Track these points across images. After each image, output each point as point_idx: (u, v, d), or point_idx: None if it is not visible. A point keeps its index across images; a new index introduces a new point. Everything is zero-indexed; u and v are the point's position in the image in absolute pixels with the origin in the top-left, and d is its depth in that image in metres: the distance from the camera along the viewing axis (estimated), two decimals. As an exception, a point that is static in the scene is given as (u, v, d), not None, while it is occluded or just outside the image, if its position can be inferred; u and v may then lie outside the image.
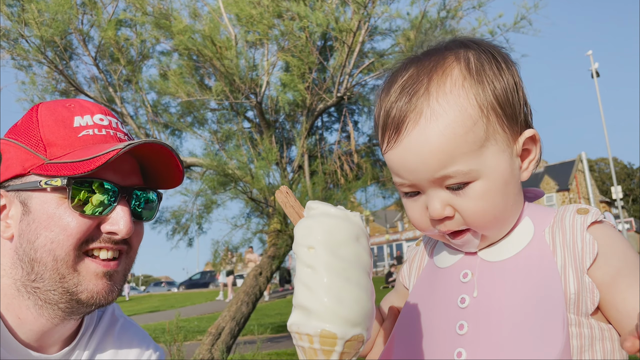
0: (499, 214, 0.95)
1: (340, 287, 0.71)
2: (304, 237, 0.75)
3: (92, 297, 1.15)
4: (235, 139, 8.16)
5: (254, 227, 8.74)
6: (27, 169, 1.15)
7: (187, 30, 6.82)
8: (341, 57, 6.69)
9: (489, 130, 0.93)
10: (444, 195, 0.93)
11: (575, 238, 0.92)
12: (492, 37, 6.81)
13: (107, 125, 1.24)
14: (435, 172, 0.91)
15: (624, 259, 0.90)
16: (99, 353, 1.33)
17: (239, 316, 6.36)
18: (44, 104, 1.25)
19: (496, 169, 0.94)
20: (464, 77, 0.93)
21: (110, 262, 1.17)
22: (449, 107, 0.92)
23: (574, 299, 0.89)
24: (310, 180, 7.74)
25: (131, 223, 1.18)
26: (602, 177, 67.83)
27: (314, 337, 0.69)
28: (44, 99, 7.92)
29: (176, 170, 1.26)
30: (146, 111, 8.15)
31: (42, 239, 1.12)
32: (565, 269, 0.91)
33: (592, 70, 29.67)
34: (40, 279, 1.13)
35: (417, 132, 0.92)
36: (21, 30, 7.20)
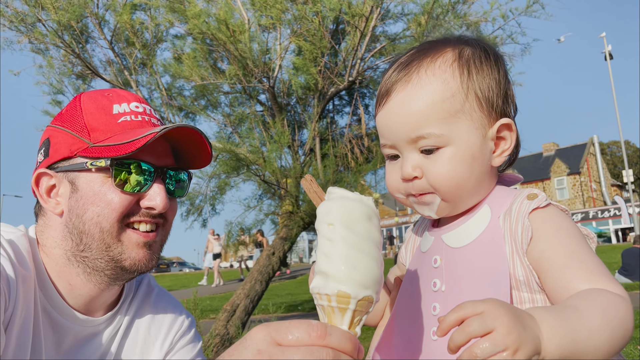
0: (462, 183, 1.03)
1: (354, 257, 0.83)
2: (325, 216, 0.89)
3: (134, 264, 1.31)
4: (248, 122, 8.28)
5: (266, 209, 8.92)
6: (73, 152, 1.30)
7: (202, 14, 6.90)
8: (353, 41, 6.75)
9: (465, 105, 1.04)
10: (417, 157, 1.04)
11: (517, 224, 0.99)
12: (504, 21, 6.83)
13: (142, 112, 1.38)
14: (412, 131, 1.03)
15: (551, 240, 0.96)
16: (137, 318, 1.49)
17: (253, 294, 6.57)
18: (85, 94, 1.40)
19: (466, 141, 1.03)
20: (454, 60, 1.06)
21: (149, 233, 1.32)
22: (434, 78, 1.04)
23: (524, 281, 0.97)
24: (322, 163, 7.86)
25: (167, 199, 1.33)
26: (614, 160, 67.06)
27: (331, 297, 0.81)
28: (61, 82, 8.08)
29: (205, 151, 1.40)
30: (161, 94, 8.28)
31: (89, 213, 1.27)
32: (513, 255, 0.98)
33: (606, 53, 29.22)
34: (88, 249, 1.28)
35: (402, 95, 1.05)
36: (38, 14, 7.32)
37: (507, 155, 1.10)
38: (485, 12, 6.83)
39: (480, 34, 6.97)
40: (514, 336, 0.71)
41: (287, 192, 7.68)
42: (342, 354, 0.74)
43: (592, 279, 0.90)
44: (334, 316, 0.82)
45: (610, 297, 0.86)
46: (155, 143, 1.30)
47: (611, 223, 42.54)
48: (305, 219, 7.64)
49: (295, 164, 7.88)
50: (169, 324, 1.52)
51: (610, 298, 0.86)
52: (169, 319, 1.53)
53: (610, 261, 16.37)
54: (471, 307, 0.75)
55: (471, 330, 0.73)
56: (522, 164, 49.76)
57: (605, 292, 0.87)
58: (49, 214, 1.34)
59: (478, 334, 0.72)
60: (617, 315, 0.84)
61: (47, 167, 1.33)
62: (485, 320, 0.72)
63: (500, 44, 6.91)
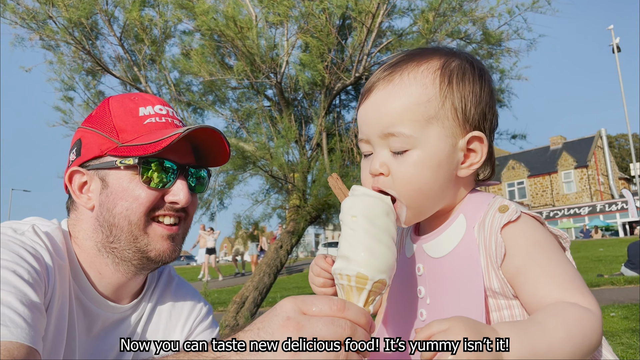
0: (424, 189, 1.05)
1: (373, 245, 0.95)
2: (349, 209, 1.00)
3: (159, 255, 1.41)
4: (256, 117, 8.37)
5: (273, 203, 9.02)
6: (103, 151, 1.41)
7: (210, 11, 6.98)
8: (360, 37, 6.81)
9: (439, 112, 1.05)
10: (386, 155, 1.07)
11: (491, 239, 1.02)
12: (510, 17, 6.86)
13: (166, 114, 1.49)
14: (385, 128, 1.06)
15: (524, 257, 0.99)
16: (159, 305, 1.60)
17: (262, 286, 6.70)
18: (113, 98, 1.50)
19: (434, 147, 1.05)
20: (438, 68, 1.10)
21: (172, 227, 1.43)
22: (414, 81, 1.07)
23: (500, 291, 1.02)
24: (328, 157, 7.94)
25: (189, 194, 1.43)
26: (621, 154, 66.57)
27: (351, 277, 0.93)
28: (72, 79, 8.19)
29: (223, 150, 1.50)
30: (169, 90, 8.37)
31: (118, 208, 1.37)
32: (488, 267, 1.02)
33: (613, 45, 29.00)
34: (117, 241, 1.39)
35: (382, 93, 1.09)
36: (49, 11, 7.43)
37: (475, 168, 1.11)
38: (491, 8, 6.86)
39: (486, 30, 7.01)
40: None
41: (294, 186, 7.78)
42: (357, 326, 0.86)
43: (564, 293, 0.94)
44: (352, 294, 0.94)
45: (576, 312, 0.90)
46: (177, 143, 1.39)
47: (619, 216, 42.34)
48: (312, 213, 7.74)
49: (302, 158, 7.97)
50: (188, 311, 1.63)
51: (576, 313, 0.90)
52: (189, 306, 1.64)
53: (617, 254, 16.38)
54: (437, 325, 0.84)
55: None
56: (529, 157, 49.56)
57: (574, 306, 0.91)
58: (81, 209, 1.45)
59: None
60: (581, 331, 0.88)
61: (79, 166, 1.44)
62: (448, 335, 0.81)
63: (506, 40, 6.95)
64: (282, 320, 0.84)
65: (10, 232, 1.24)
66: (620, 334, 5.68)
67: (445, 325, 0.83)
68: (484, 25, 6.84)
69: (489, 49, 7.05)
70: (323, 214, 7.98)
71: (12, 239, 1.21)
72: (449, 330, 0.82)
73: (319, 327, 0.83)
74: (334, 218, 8.39)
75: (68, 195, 1.49)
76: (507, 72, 7.85)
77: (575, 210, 45.09)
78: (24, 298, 1.08)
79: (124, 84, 8.51)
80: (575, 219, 44.03)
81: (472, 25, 6.84)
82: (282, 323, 0.83)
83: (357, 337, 0.85)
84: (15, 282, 1.10)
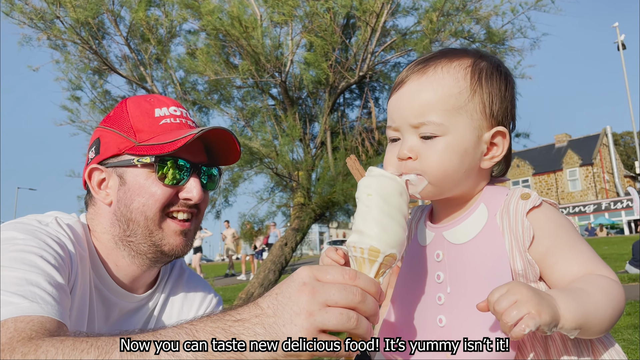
0: (450, 172, 1.13)
1: (386, 222, 1.02)
2: (366, 187, 1.07)
3: (172, 249, 1.49)
4: (260, 115, 8.44)
5: (278, 201, 9.09)
6: (121, 150, 1.48)
7: (215, 11, 7.04)
8: (364, 36, 6.86)
9: (469, 104, 1.14)
10: (415, 141, 1.14)
11: (517, 223, 1.10)
12: (513, 15, 6.89)
13: (180, 115, 1.56)
14: (416, 117, 1.12)
15: (554, 238, 1.09)
16: (172, 296, 1.69)
17: (267, 283, 6.78)
18: (130, 99, 1.58)
19: (462, 135, 1.13)
20: (469, 65, 1.18)
21: (185, 222, 1.51)
22: (448, 75, 1.15)
23: (522, 272, 1.09)
24: (332, 155, 8.00)
25: (202, 191, 1.51)
26: (627, 151, 66.20)
27: (364, 250, 1.00)
28: (80, 78, 8.29)
29: (234, 150, 1.57)
30: (175, 89, 8.46)
31: (135, 203, 1.45)
32: (512, 250, 1.09)
33: (619, 43, 28.88)
34: (134, 235, 1.47)
35: (415, 83, 1.16)
36: (57, 11, 7.52)
37: (496, 160, 1.18)
38: (495, 7, 6.89)
39: (490, 28, 7.04)
40: (534, 302, 0.88)
41: (298, 184, 7.84)
42: (367, 294, 0.92)
43: (592, 267, 1.05)
44: (364, 266, 1.01)
45: (608, 281, 1.02)
46: (191, 142, 1.47)
47: (624, 214, 42.18)
48: (316, 210, 7.80)
49: (306, 156, 8.04)
50: (199, 301, 1.71)
51: (608, 282, 1.02)
52: (200, 296, 1.73)
53: (622, 252, 16.35)
54: (497, 291, 0.91)
55: (502, 306, 0.88)
56: (534, 155, 49.43)
57: (603, 277, 1.03)
58: (99, 204, 1.52)
59: (507, 307, 0.88)
60: (615, 295, 1.01)
61: (98, 163, 1.51)
62: (509, 295, 0.89)
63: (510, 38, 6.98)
64: (299, 285, 0.90)
65: (36, 223, 1.32)
66: (622, 330, 5.73)
67: (504, 289, 0.91)
68: (487, 24, 6.87)
69: (492, 47, 7.09)
70: (327, 211, 8.05)
71: (38, 229, 1.30)
72: (508, 292, 0.90)
73: (332, 292, 0.89)
74: (338, 215, 8.45)
75: (87, 191, 1.57)
76: (511, 71, 7.86)
77: (581, 208, 44.95)
78: (52, 279, 1.17)
79: (130, 83, 8.61)
80: (580, 217, 43.89)
81: (475, 24, 6.87)
82: (298, 288, 0.90)
83: (366, 303, 0.92)
84: (43, 265, 1.18)
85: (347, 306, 0.89)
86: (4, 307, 1.04)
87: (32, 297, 1.08)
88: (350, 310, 0.89)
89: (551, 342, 1.08)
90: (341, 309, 0.89)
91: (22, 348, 0.94)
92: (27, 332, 0.99)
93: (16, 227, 1.28)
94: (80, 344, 0.93)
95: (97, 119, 8.57)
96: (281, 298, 0.91)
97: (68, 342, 0.94)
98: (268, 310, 0.91)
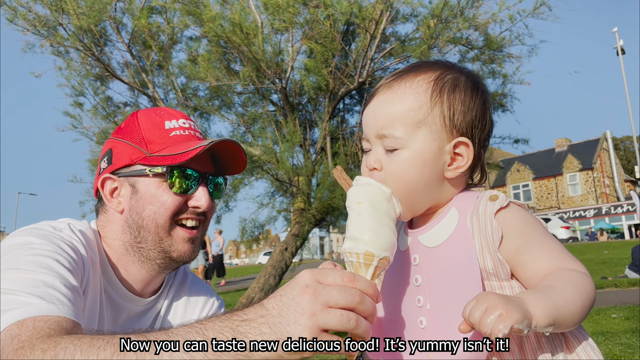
0: (410, 184, 1.18)
1: (377, 227, 1.08)
2: (355, 196, 1.14)
3: (180, 256, 1.56)
4: (261, 121, 8.49)
5: (278, 206, 9.14)
6: (133, 161, 1.54)
7: (217, 18, 7.11)
8: (363, 43, 6.93)
9: (428, 117, 1.18)
10: (381, 152, 1.21)
11: (487, 224, 1.14)
12: (511, 23, 6.96)
13: (189, 127, 1.63)
14: (380, 129, 1.20)
15: (522, 237, 1.13)
16: (176, 300, 1.76)
17: (267, 287, 6.82)
18: (141, 112, 1.65)
19: (420, 148, 1.18)
20: (432, 80, 1.23)
21: (192, 230, 1.57)
22: (409, 90, 1.21)
23: (493, 272, 1.13)
24: (332, 161, 8.05)
25: (210, 200, 1.58)
26: (627, 156, 66.17)
27: (360, 255, 1.06)
28: (82, 84, 8.36)
29: (241, 160, 1.64)
30: (176, 95, 8.52)
31: (147, 211, 1.52)
32: (482, 250, 1.13)
33: (618, 48, 29.00)
34: (144, 241, 1.53)
35: (381, 98, 1.23)
36: (60, 18, 7.60)
37: (461, 171, 1.22)
38: (493, 14, 6.97)
39: (488, 35, 7.11)
40: (502, 304, 0.93)
41: (299, 189, 7.89)
42: (365, 295, 0.99)
43: (560, 263, 1.11)
44: (360, 270, 1.07)
45: (575, 274, 1.08)
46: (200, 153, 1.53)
47: (624, 219, 42.16)
48: (316, 215, 7.84)
49: (306, 162, 8.08)
50: (202, 305, 1.78)
51: (576, 275, 1.08)
52: (202, 300, 1.79)
53: (622, 257, 16.37)
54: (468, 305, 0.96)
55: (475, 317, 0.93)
56: (534, 159, 49.45)
57: (571, 270, 1.09)
58: (111, 211, 1.58)
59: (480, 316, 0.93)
60: (584, 287, 1.06)
61: (110, 173, 1.58)
62: (479, 305, 0.94)
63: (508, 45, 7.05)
64: (302, 287, 0.96)
65: (50, 229, 1.39)
66: (620, 335, 5.76)
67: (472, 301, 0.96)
68: (485, 31, 6.94)
69: (490, 54, 7.15)
70: (327, 216, 8.09)
71: (53, 234, 1.36)
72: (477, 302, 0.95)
73: (333, 294, 0.95)
74: (339, 221, 8.49)
75: (98, 199, 1.63)
76: (510, 77, 7.95)
77: (581, 212, 44.92)
78: (66, 282, 1.23)
79: (132, 89, 8.67)
80: (580, 222, 43.87)
81: (474, 31, 6.94)
82: (301, 290, 0.96)
83: (365, 304, 0.98)
84: (58, 268, 1.24)
85: (347, 307, 0.95)
86: (23, 307, 1.09)
87: (49, 298, 1.14)
88: (350, 312, 0.95)
89: (525, 339, 1.13)
90: (342, 310, 0.94)
91: (41, 345, 0.99)
92: (46, 330, 1.05)
93: (32, 233, 1.34)
94: (97, 341, 0.98)
95: (99, 125, 8.64)
96: (285, 299, 0.97)
97: (85, 339, 0.99)
98: (273, 311, 0.96)
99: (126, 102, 8.99)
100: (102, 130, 8.55)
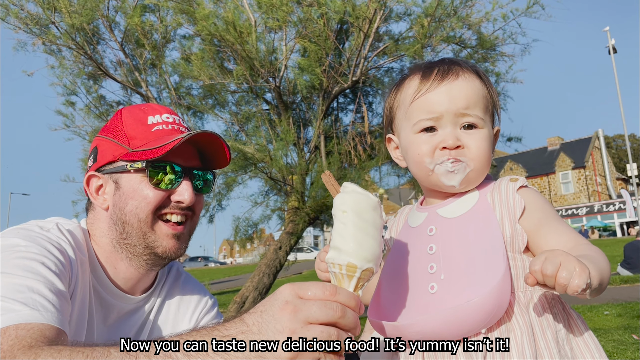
0: (484, 159, 1.30)
1: (361, 237, 1.06)
2: (341, 204, 1.11)
3: (165, 252, 1.55)
4: (255, 120, 8.47)
5: (272, 205, 9.12)
6: (116, 157, 1.54)
7: (210, 16, 7.09)
8: (357, 41, 6.93)
9: (489, 107, 1.34)
10: (458, 131, 1.29)
11: (508, 197, 1.27)
12: (504, 22, 6.99)
13: (172, 122, 1.62)
14: (463, 108, 1.28)
15: (543, 211, 1.25)
16: (168, 299, 1.74)
17: (261, 286, 6.82)
18: (125, 109, 1.64)
19: (489, 130, 1.33)
20: (476, 75, 1.35)
21: (177, 226, 1.56)
22: (474, 77, 1.34)
23: (510, 241, 1.22)
24: (326, 160, 8.05)
25: (193, 194, 1.56)
26: (619, 154, 66.68)
27: (342, 266, 1.04)
28: (74, 83, 8.31)
29: (223, 153, 1.62)
30: (170, 94, 8.48)
31: (129, 206, 1.51)
32: (502, 219, 1.24)
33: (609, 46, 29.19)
34: (129, 237, 1.52)
35: (460, 80, 1.31)
36: (52, 17, 7.55)
37: None
38: (486, 13, 6.99)
39: (481, 34, 7.14)
40: (574, 260, 0.97)
41: (293, 188, 7.89)
42: (348, 308, 0.97)
43: (578, 239, 1.20)
44: (343, 281, 1.05)
45: (598, 249, 1.16)
46: (183, 147, 1.53)
47: (616, 217, 42.49)
48: (310, 214, 7.84)
49: (300, 161, 8.08)
50: (195, 304, 1.77)
51: (598, 250, 1.16)
52: (195, 299, 1.78)
53: (614, 254, 16.50)
54: (536, 261, 0.99)
55: (550, 270, 0.96)
56: (526, 158, 49.69)
57: (594, 245, 1.17)
58: (97, 209, 1.58)
59: (555, 270, 0.96)
60: (607, 261, 1.14)
61: (95, 170, 1.58)
62: (552, 259, 0.97)
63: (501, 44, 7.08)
64: (281, 303, 0.94)
65: (37, 229, 1.37)
66: (613, 331, 5.81)
67: (543, 256, 1.00)
68: (479, 29, 6.97)
69: (483, 53, 7.18)
70: (321, 215, 8.09)
71: (40, 235, 1.34)
72: (547, 258, 0.98)
73: (313, 309, 0.93)
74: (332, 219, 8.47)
75: (87, 197, 1.62)
76: (503, 76, 8.00)
77: (573, 210, 45.23)
78: (52, 286, 1.21)
79: (125, 88, 8.62)
80: (573, 220, 44.15)
81: (467, 29, 6.97)
82: (281, 306, 0.94)
83: (346, 318, 0.96)
84: (44, 272, 1.22)
85: (327, 322, 0.94)
86: (6, 314, 1.07)
87: (33, 304, 1.12)
88: (331, 327, 0.94)
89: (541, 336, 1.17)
90: (322, 327, 0.93)
91: (21, 356, 0.98)
92: (28, 340, 1.03)
93: (18, 234, 1.32)
94: (76, 354, 0.97)
95: (91, 124, 8.59)
96: (265, 316, 0.95)
97: (65, 352, 0.98)
98: (253, 328, 0.95)
99: (119, 101, 8.93)
100: (95, 129, 8.50)
